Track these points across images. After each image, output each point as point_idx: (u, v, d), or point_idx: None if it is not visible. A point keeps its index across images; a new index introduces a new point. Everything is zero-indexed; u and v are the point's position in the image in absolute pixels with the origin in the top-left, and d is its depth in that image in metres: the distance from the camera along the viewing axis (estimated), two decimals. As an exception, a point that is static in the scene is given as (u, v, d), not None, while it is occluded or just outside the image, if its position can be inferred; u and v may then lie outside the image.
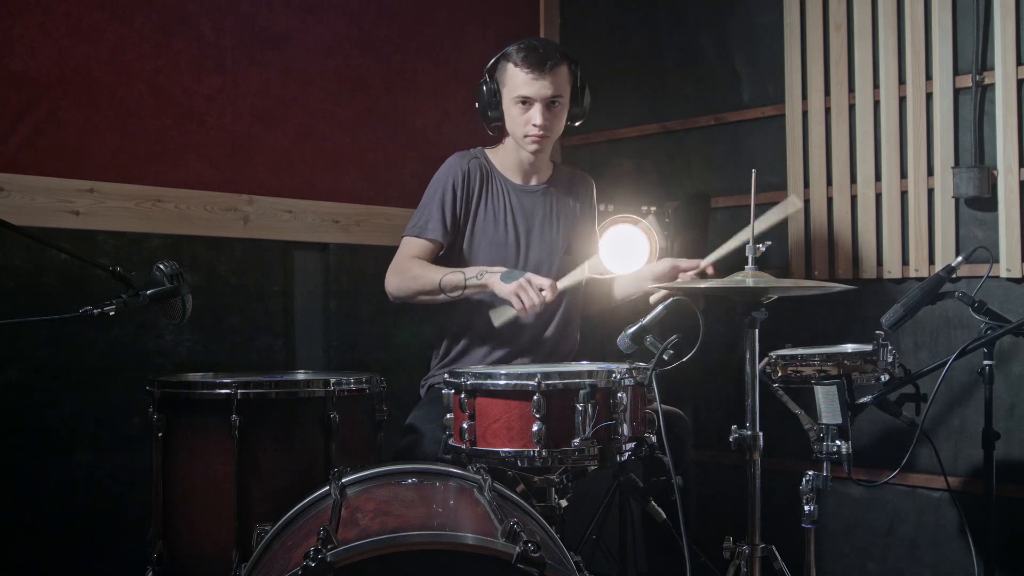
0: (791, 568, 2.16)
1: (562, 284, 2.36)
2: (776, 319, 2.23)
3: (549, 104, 2.48)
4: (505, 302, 2.33)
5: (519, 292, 2.28)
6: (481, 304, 2.54)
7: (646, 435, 2.05)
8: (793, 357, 2.32)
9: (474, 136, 2.71)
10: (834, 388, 2.22)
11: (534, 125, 2.49)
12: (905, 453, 2.26)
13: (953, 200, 2.93)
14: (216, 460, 2.02)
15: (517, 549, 1.40)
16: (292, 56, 3.03)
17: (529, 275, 2.31)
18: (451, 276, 2.40)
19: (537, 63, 2.45)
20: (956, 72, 2.94)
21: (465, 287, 2.38)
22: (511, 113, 2.53)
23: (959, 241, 2.94)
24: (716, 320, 2.51)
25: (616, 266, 3.18)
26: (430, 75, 3.42)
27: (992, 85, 2.87)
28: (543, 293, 2.28)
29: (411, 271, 2.47)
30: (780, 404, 2.33)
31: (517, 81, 2.48)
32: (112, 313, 1.84)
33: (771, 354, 2.34)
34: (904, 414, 2.30)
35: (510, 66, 2.49)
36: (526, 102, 2.49)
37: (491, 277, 2.35)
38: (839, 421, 2.21)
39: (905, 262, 3.04)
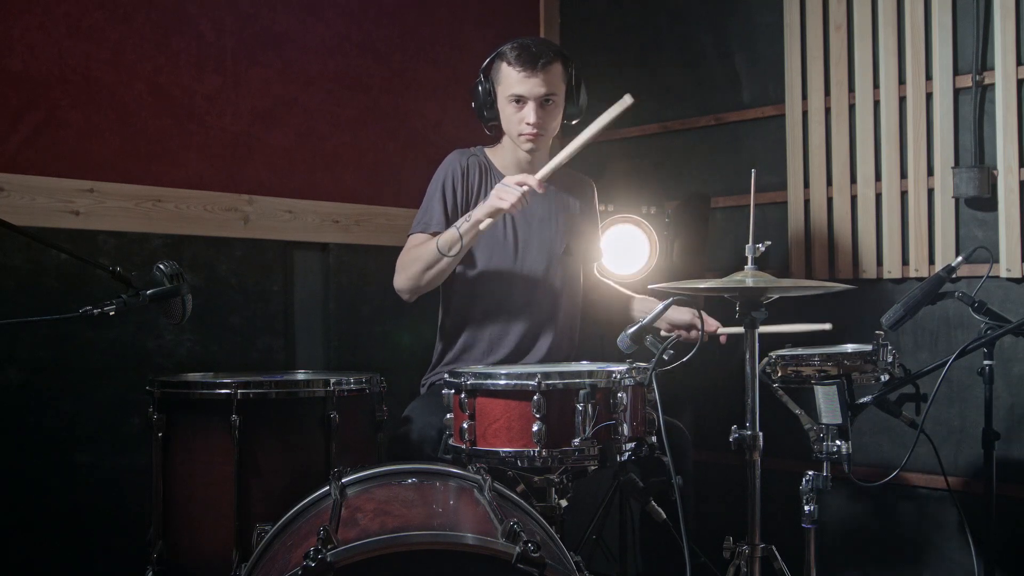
0: (791, 568, 2.16)
1: (541, 174, 2.37)
2: (776, 319, 2.23)
3: (542, 102, 2.48)
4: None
5: (499, 197, 2.31)
6: (480, 299, 2.55)
7: (646, 435, 2.06)
8: (793, 357, 2.32)
9: (474, 136, 2.71)
10: (834, 388, 2.21)
11: (528, 123, 2.49)
12: (905, 453, 2.26)
13: (953, 200, 2.93)
14: (216, 460, 2.02)
15: (517, 549, 1.40)
16: (292, 56, 3.03)
17: (503, 181, 2.35)
18: (444, 236, 2.41)
19: (530, 61, 2.45)
20: (956, 72, 2.94)
21: (461, 237, 2.38)
22: (506, 112, 2.53)
23: (959, 241, 2.94)
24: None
25: (616, 266, 3.18)
26: (430, 75, 3.42)
27: (992, 85, 2.87)
28: (521, 187, 2.30)
29: (409, 256, 2.49)
30: (780, 404, 2.33)
31: (510, 80, 2.48)
32: (112, 313, 1.84)
33: (771, 354, 2.34)
34: (904, 414, 2.30)
35: (504, 65, 2.49)
36: (519, 100, 2.49)
37: (476, 212, 2.37)
38: (839, 421, 2.21)
39: (905, 262, 3.04)
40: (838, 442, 2.21)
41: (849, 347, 2.36)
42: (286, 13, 3.02)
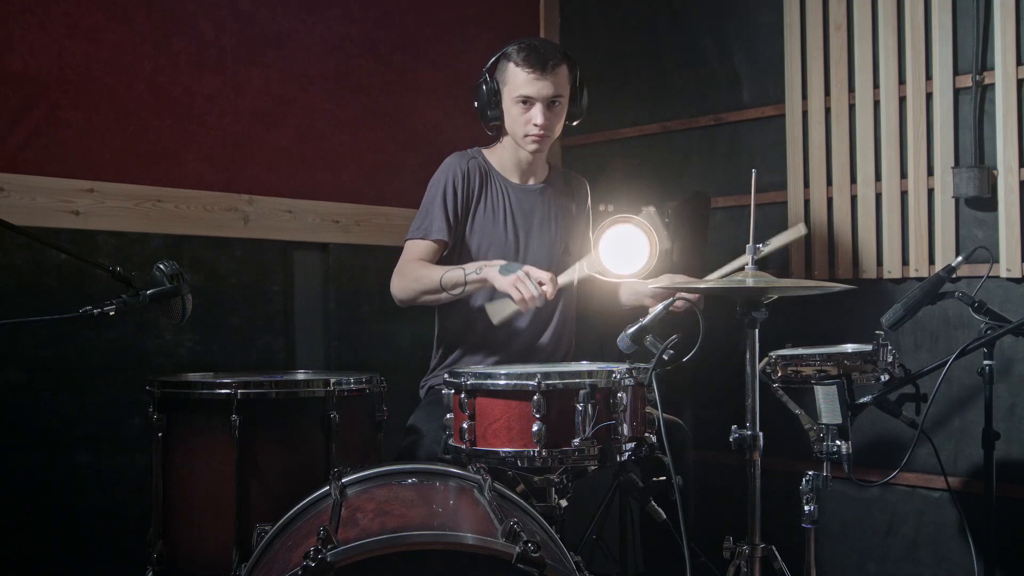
0: (791, 568, 2.16)
1: (562, 280, 2.34)
2: (776, 319, 2.23)
3: (550, 104, 2.48)
4: (504, 296, 2.31)
5: (517, 284, 2.24)
6: (478, 310, 2.53)
7: (646, 435, 2.06)
8: (793, 357, 2.32)
9: (474, 136, 2.71)
10: (834, 388, 2.22)
11: (535, 125, 2.48)
12: (905, 453, 2.26)
13: (953, 200, 2.93)
14: (216, 460, 2.02)
15: (517, 549, 1.40)
16: (292, 56, 3.03)
17: (528, 268, 2.28)
18: (451, 274, 2.39)
19: (539, 63, 2.45)
20: (956, 72, 2.94)
21: (465, 283, 2.37)
22: (511, 113, 2.52)
23: (959, 241, 2.94)
24: (716, 320, 2.52)
25: (616, 266, 3.18)
26: (430, 75, 3.42)
27: (992, 85, 2.87)
28: (543, 287, 2.25)
29: (413, 273, 2.47)
30: (780, 404, 2.33)
31: (518, 81, 2.47)
32: (112, 313, 1.85)
33: (771, 354, 2.34)
34: (904, 414, 2.30)
35: (511, 65, 2.49)
36: (527, 102, 2.48)
37: (490, 271, 2.32)
38: (839, 421, 2.21)
39: (905, 262, 3.04)
40: (838, 442, 2.21)
41: (849, 347, 2.36)
42: (286, 13, 3.02)
